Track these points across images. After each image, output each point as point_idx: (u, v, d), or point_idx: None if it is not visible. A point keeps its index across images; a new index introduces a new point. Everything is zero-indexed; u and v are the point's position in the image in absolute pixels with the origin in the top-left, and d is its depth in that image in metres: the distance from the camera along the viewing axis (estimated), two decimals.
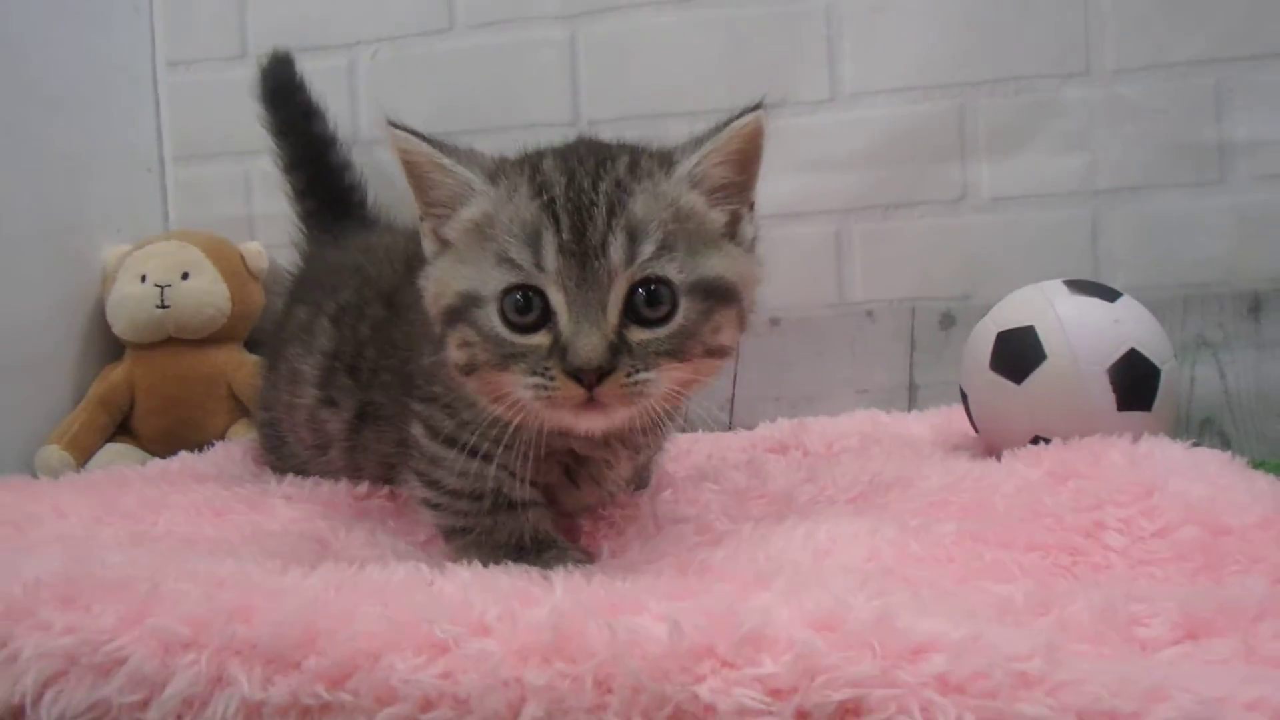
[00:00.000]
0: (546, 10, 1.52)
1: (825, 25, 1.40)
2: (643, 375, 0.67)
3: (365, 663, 0.53)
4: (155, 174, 1.75)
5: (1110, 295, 1.02)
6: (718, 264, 0.71)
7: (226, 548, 0.84)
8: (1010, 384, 1.01)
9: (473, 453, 0.77)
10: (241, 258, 1.61)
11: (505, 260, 0.69)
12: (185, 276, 1.54)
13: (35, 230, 1.48)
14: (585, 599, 0.56)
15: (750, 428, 1.32)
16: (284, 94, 1.39)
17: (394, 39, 1.60)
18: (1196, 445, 0.93)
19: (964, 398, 1.11)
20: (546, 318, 0.69)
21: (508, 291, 0.69)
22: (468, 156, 0.78)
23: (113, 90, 1.67)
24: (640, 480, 1.01)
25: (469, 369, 0.72)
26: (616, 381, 0.66)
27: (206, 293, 1.54)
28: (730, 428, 1.35)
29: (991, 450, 1.07)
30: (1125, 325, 0.99)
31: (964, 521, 0.78)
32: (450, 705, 0.50)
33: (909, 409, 1.39)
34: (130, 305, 1.51)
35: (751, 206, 0.77)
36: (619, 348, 0.67)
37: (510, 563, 0.74)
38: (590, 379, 0.66)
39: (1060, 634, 0.53)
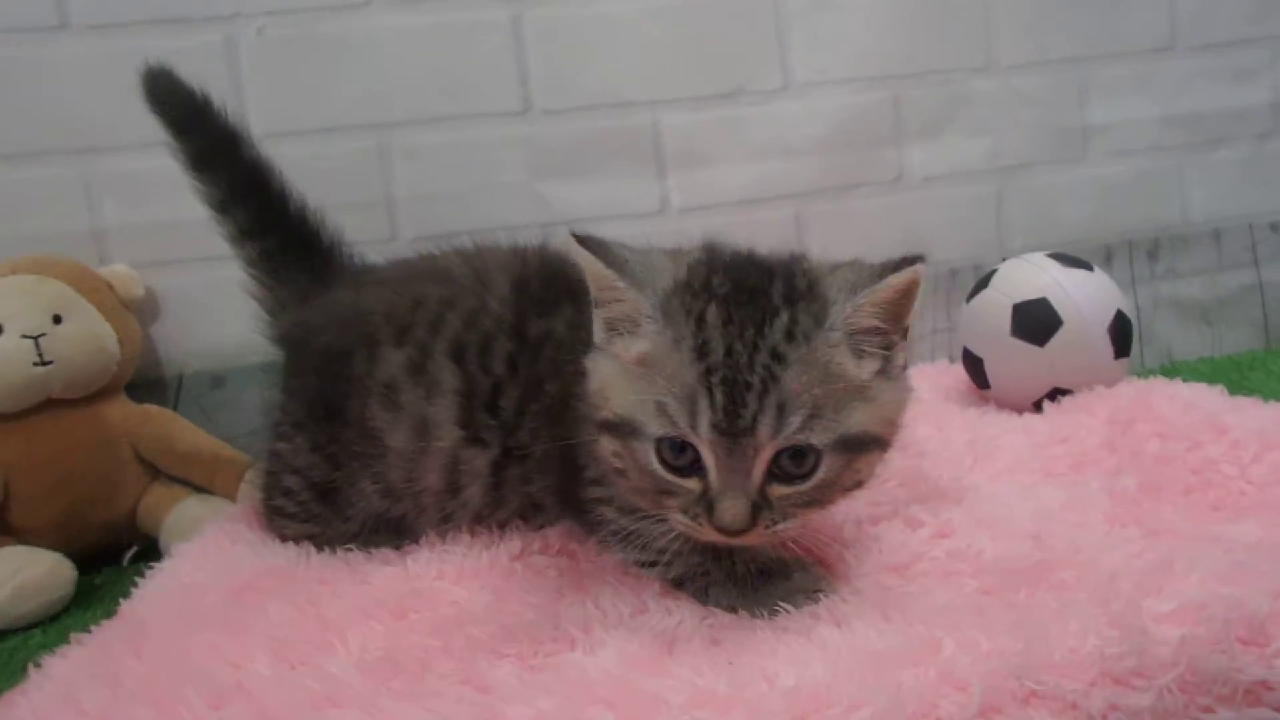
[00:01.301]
0: None
1: (774, 17, 1.38)
2: (781, 525, 0.69)
3: None
4: None
5: (1089, 266, 1.18)
6: (862, 418, 0.69)
7: (497, 656, 0.68)
8: (1034, 347, 1.13)
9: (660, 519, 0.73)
10: (109, 286, 1.22)
11: (665, 414, 0.67)
12: (58, 320, 1.14)
13: None
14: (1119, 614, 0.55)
15: None
16: (189, 117, 1.05)
17: (285, 13, 1.28)
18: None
19: (972, 360, 1.21)
20: (698, 465, 0.68)
21: (665, 438, 0.68)
22: (641, 275, 0.71)
23: None
24: None
25: (620, 474, 0.72)
26: (756, 533, 0.68)
27: (91, 338, 1.16)
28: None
29: (1005, 404, 1.18)
30: (1109, 290, 1.15)
31: (1121, 475, 0.88)
32: None
33: None
34: None
35: (905, 334, 0.72)
36: (761, 506, 0.68)
37: (755, 591, 0.74)
38: (731, 535, 0.68)
39: None
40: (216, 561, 0.93)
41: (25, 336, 1.10)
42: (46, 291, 1.14)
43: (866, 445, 0.70)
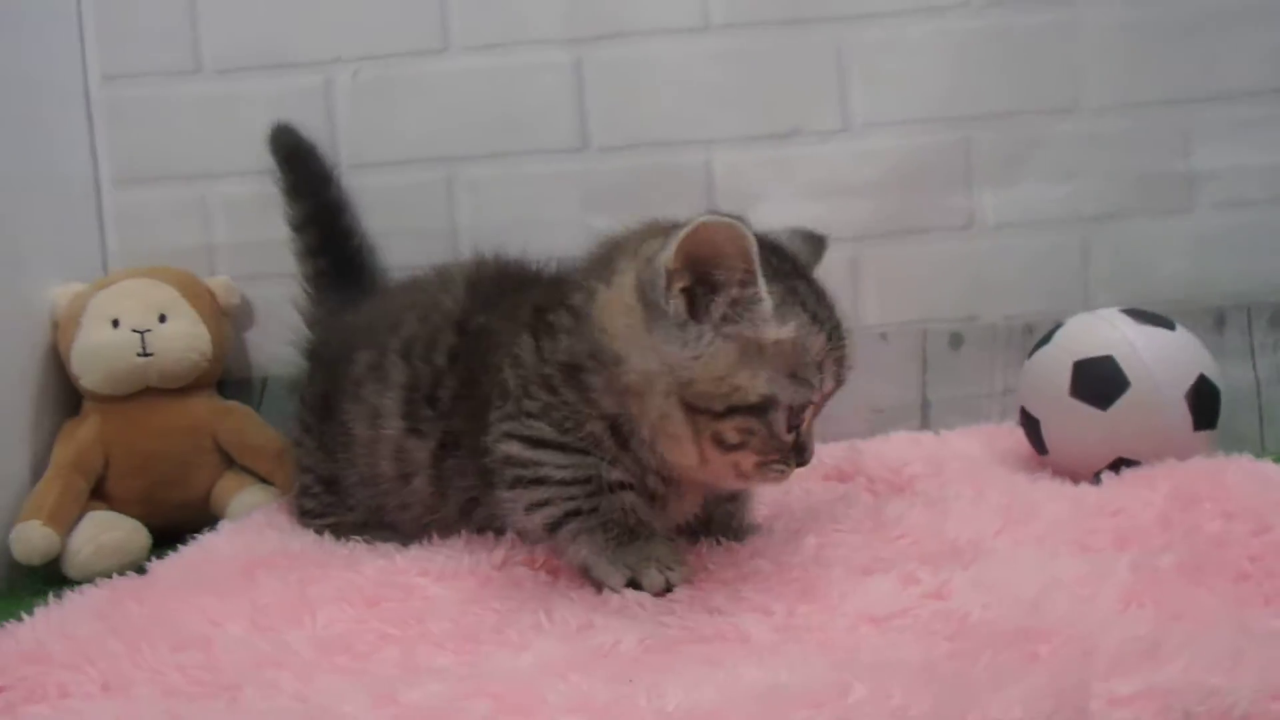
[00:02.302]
0: (550, 34, 1.31)
1: (836, 59, 1.29)
2: None
3: None
4: (91, 200, 1.38)
5: (1169, 324, 0.99)
6: None
7: (450, 649, 0.66)
8: (1095, 410, 0.96)
9: (569, 449, 0.79)
10: (211, 294, 1.31)
11: (802, 381, 0.74)
12: (163, 319, 1.22)
13: None
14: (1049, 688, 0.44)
15: None
16: (296, 158, 1.27)
17: (379, 58, 1.34)
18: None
19: (1029, 421, 1.04)
20: (800, 422, 0.76)
21: (799, 407, 0.75)
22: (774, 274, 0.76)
23: (35, 108, 1.28)
24: (735, 529, 0.89)
25: (734, 448, 0.74)
26: None
27: (189, 336, 1.23)
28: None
29: (1063, 471, 1.01)
30: (1191, 351, 0.96)
31: (1164, 553, 0.71)
32: None
33: (921, 426, 1.32)
34: (106, 355, 1.18)
35: None
36: None
37: (619, 547, 0.76)
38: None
39: None
40: (247, 540, 0.97)
41: (134, 330, 1.19)
42: (156, 294, 1.23)
43: None
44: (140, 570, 0.91)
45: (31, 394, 1.20)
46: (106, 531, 1.13)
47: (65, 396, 1.24)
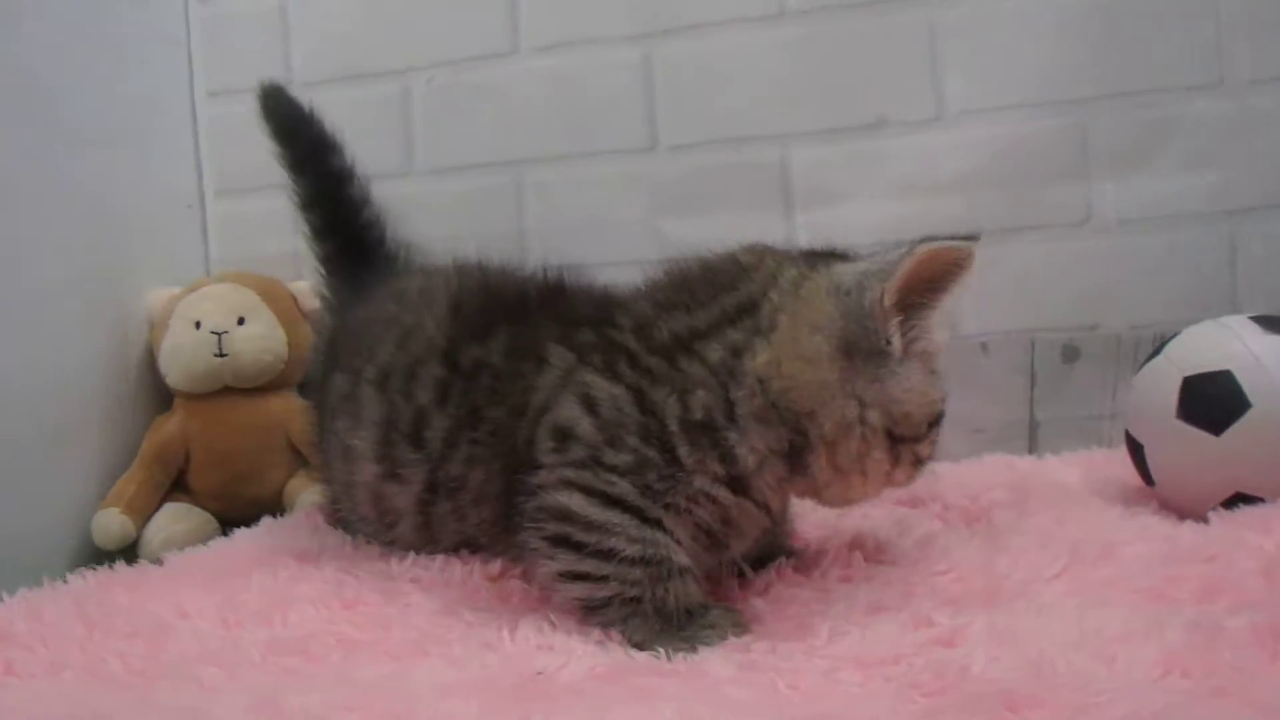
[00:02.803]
0: (618, 31, 1.34)
1: (928, 41, 1.24)
2: None
3: None
4: (196, 211, 1.55)
5: None
6: None
7: (386, 658, 0.68)
8: (1206, 435, 0.85)
9: (645, 518, 0.73)
10: (293, 298, 1.43)
11: (939, 377, 0.77)
12: (241, 322, 1.35)
13: (70, 277, 1.28)
14: None
15: None
16: (292, 126, 1.21)
17: (452, 63, 1.42)
18: None
19: (1135, 447, 0.95)
20: None
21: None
22: None
23: (148, 124, 1.46)
24: (777, 547, 0.86)
25: (918, 462, 0.77)
26: None
27: (265, 338, 1.35)
28: None
29: (1172, 507, 0.91)
30: None
31: (1245, 611, 0.62)
32: None
33: (1029, 449, 1.22)
34: (186, 354, 1.32)
35: None
36: None
37: (669, 632, 0.71)
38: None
39: None
40: (277, 536, 1.05)
41: (212, 331, 1.33)
42: (237, 298, 1.37)
43: None
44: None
45: (128, 390, 1.37)
46: (178, 522, 1.26)
47: (158, 394, 1.40)
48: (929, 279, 0.72)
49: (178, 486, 1.34)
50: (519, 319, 0.87)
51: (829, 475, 0.74)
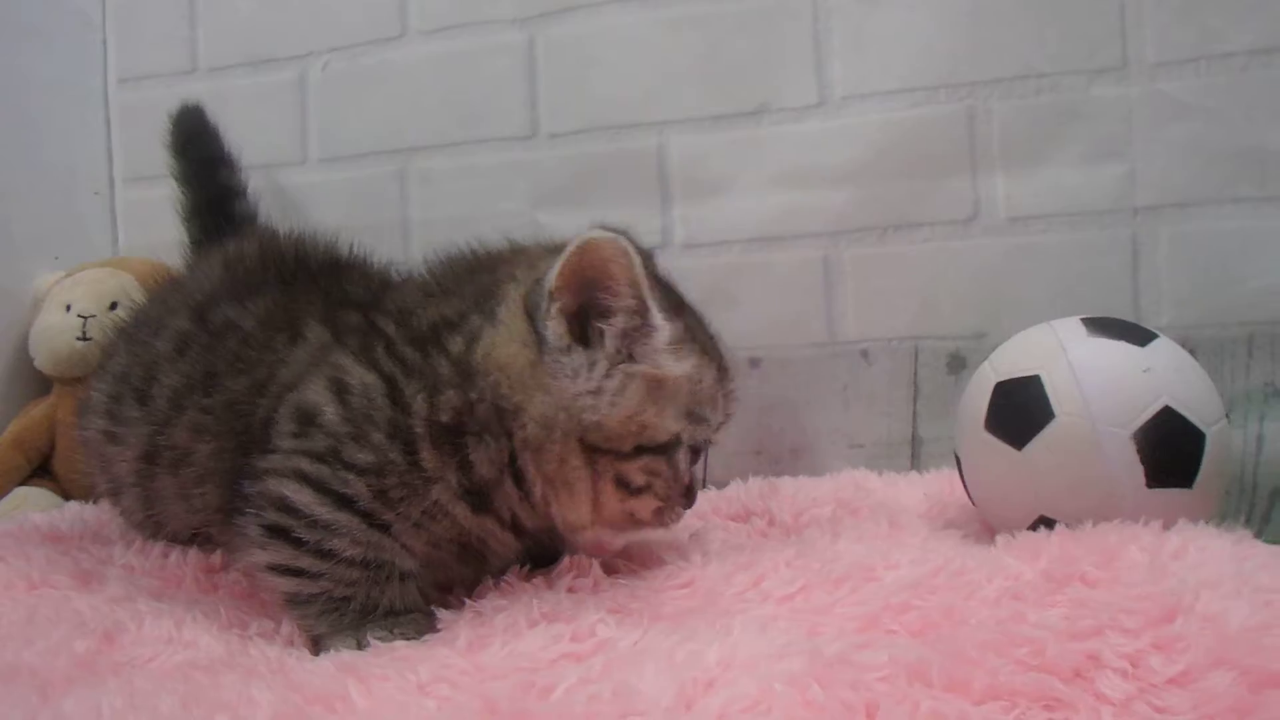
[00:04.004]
0: (503, 13, 1.37)
1: (812, 21, 1.22)
2: None
3: None
4: (104, 196, 1.66)
5: (1141, 337, 0.82)
6: None
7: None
8: (1009, 449, 0.81)
9: (373, 522, 0.74)
10: None
11: (700, 419, 0.78)
12: (114, 306, 1.43)
13: None
14: None
15: (721, 486, 1.14)
16: (195, 143, 1.29)
17: (344, 49, 1.48)
18: (1258, 533, 0.73)
19: (958, 462, 0.91)
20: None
21: (699, 445, 0.80)
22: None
23: (59, 108, 1.58)
24: (552, 554, 0.86)
25: (638, 491, 0.77)
26: None
27: None
28: (703, 485, 1.17)
29: (990, 529, 0.87)
30: (1158, 375, 0.79)
31: (907, 645, 0.59)
32: None
33: (911, 467, 1.19)
34: (51, 336, 1.41)
35: None
36: None
37: (373, 629, 0.72)
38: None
39: None
40: (65, 519, 1.12)
41: (80, 315, 1.41)
42: (112, 283, 1.45)
43: None
44: None
45: (4, 371, 1.46)
46: (29, 506, 1.33)
47: (38, 377, 1.49)
48: (600, 274, 0.72)
49: (43, 472, 1.42)
50: (289, 288, 0.87)
51: (542, 488, 0.75)
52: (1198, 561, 0.66)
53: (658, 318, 0.74)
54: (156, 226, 1.59)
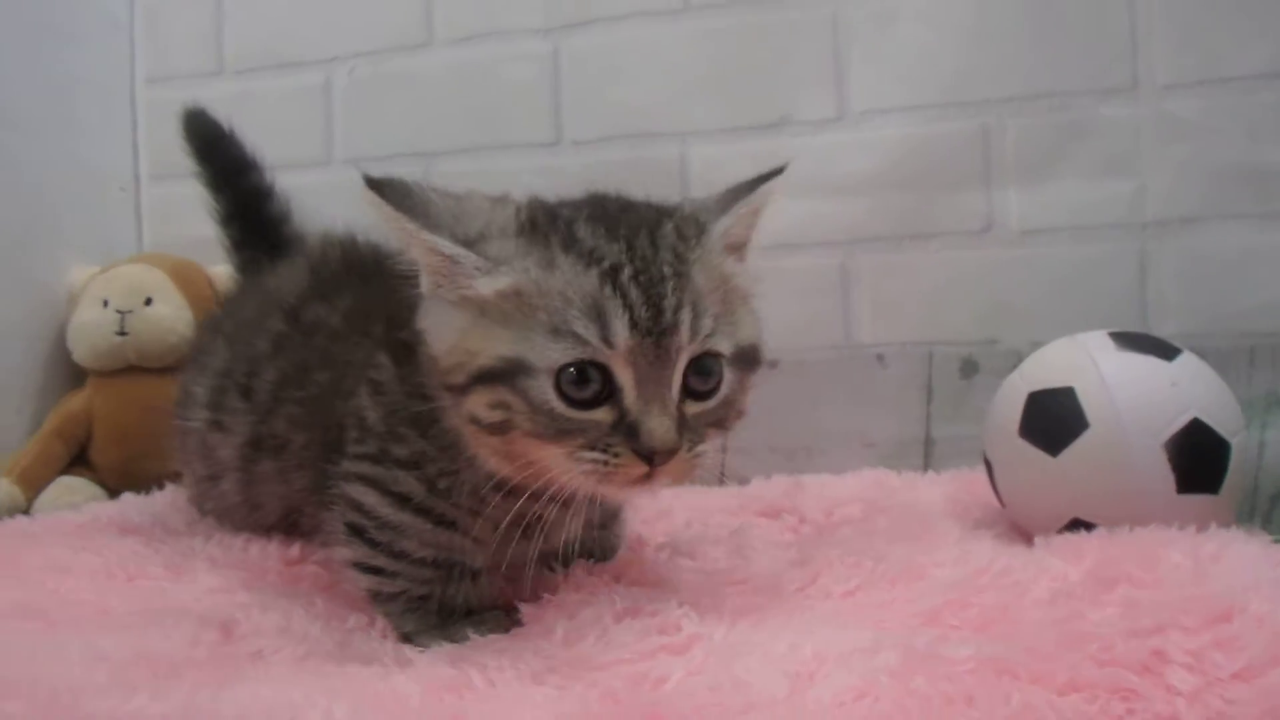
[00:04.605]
0: (529, 23, 1.35)
1: (831, 36, 1.22)
2: (700, 448, 0.65)
3: None
4: (130, 193, 1.61)
5: (1167, 352, 0.83)
6: (749, 329, 0.70)
7: (122, 628, 0.70)
8: (1044, 455, 0.82)
9: (443, 522, 0.73)
10: (209, 281, 1.47)
11: (565, 334, 0.63)
12: (149, 302, 1.39)
13: None
14: None
15: (744, 483, 1.14)
16: (212, 147, 1.25)
17: (372, 54, 1.45)
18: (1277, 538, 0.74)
19: (988, 465, 0.92)
20: (608, 393, 0.63)
21: (565, 368, 0.63)
22: (444, 218, 0.66)
23: (88, 106, 1.53)
24: (602, 549, 0.85)
25: (499, 429, 0.65)
26: (680, 457, 0.64)
27: (170, 319, 1.39)
28: (721, 481, 1.17)
29: (1019, 529, 0.88)
30: (1185, 389, 0.79)
31: (985, 641, 0.59)
32: None
33: (924, 467, 1.19)
34: (90, 331, 1.37)
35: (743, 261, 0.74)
36: (682, 424, 0.64)
37: (459, 628, 0.72)
38: (661, 459, 0.63)
39: None
40: (128, 509, 1.12)
41: (117, 310, 1.37)
42: (147, 278, 1.41)
43: (755, 360, 0.70)
44: None
45: (42, 365, 1.42)
46: (70, 495, 1.30)
47: (73, 370, 1.45)
48: (388, 225, 0.67)
49: (81, 461, 1.39)
50: (368, 288, 0.86)
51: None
52: (1237, 565, 0.66)
53: (438, 242, 0.64)
54: (181, 222, 1.56)
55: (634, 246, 0.64)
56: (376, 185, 0.66)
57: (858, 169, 1.20)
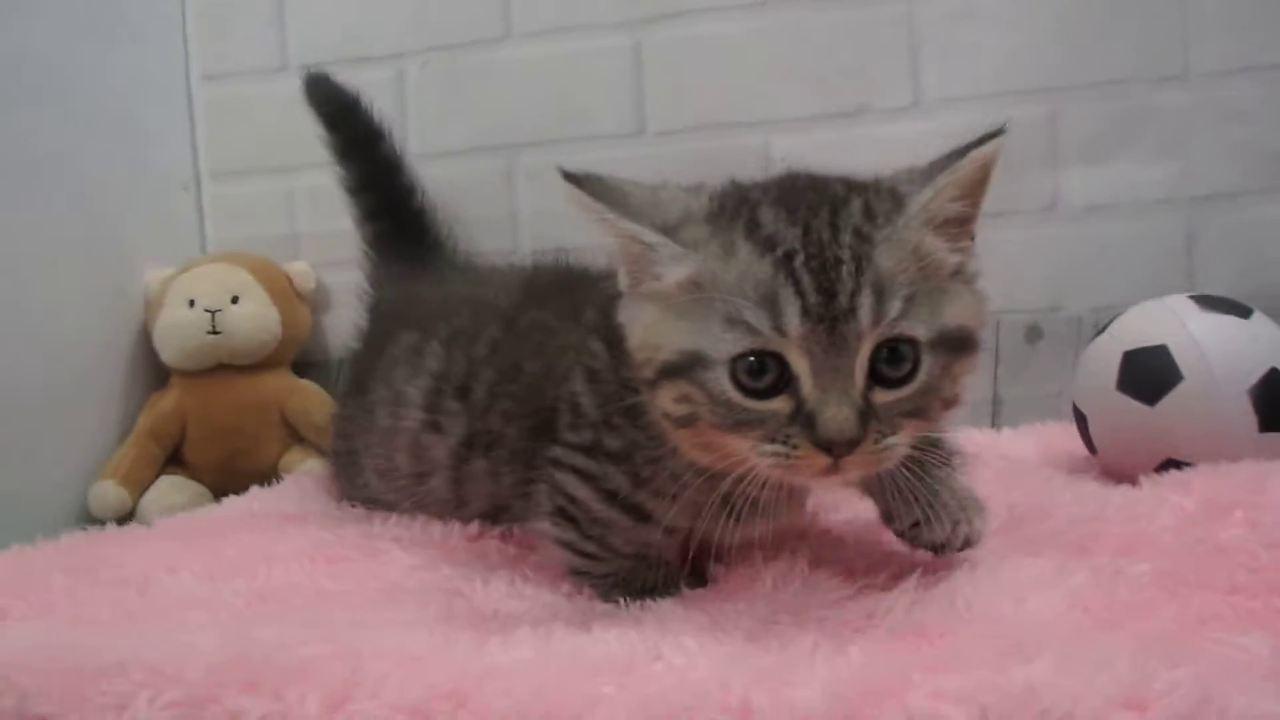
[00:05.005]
0: (607, 18, 1.45)
1: (907, 32, 1.35)
2: (889, 440, 0.64)
3: None
4: (192, 192, 1.67)
5: (1244, 311, 0.98)
6: (957, 311, 0.66)
7: (361, 605, 0.79)
8: (1142, 406, 0.97)
9: (641, 516, 0.77)
10: (288, 279, 1.54)
11: (738, 323, 0.63)
12: (235, 300, 1.46)
13: (68, 254, 1.39)
14: (851, 679, 0.51)
15: None
16: (340, 114, 1.32)
17: (445, 48, 1.53)
18: None
19: (1080, 418, 1.06)
20: (785, 382, 0.64)
21: (740, 357, 0.64)
22: (641, 206, 0.69)
23: (145, 105, 1.58)
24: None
25: (686, 422, 0.67)
26: (864, 450, 0.63)
27: (258, 317, 1.47)
28: None
29: (1112, 473, 1.02)
30: (1263, 343, 0.95)
31: (1152, 561, 0.74)
32: None
33: (992, 424, 1.34)
34: (179, 332, 1.44)
35: (973, 238, 0.71)
36: (867, 414, 0.63)
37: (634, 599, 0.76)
38: (841, 450, 0.62)
39: None
40: (264, 502, 1.17)
41: (206, 310, 1.44)
42: (231, 277, 1.48)
43: (964, 345, 0.67)
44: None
45: (123, 368, 1.48)
46: (174, 494, 1.39)
47: (153, 371, 1.51)
48: (590, 216, 0.70)
49: (173, 460, 1.46)
50: (580, 289, 0.90)
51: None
52: None
53: (639, 231, 0.66)
54: (245, 221, 1.64)
55: (811, 229, 0.64)
56: (574, 179, 0.68)
57: (932, 154, 1.33)
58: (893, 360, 0.64)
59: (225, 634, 0.65)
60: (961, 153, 0.69)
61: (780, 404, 0.64)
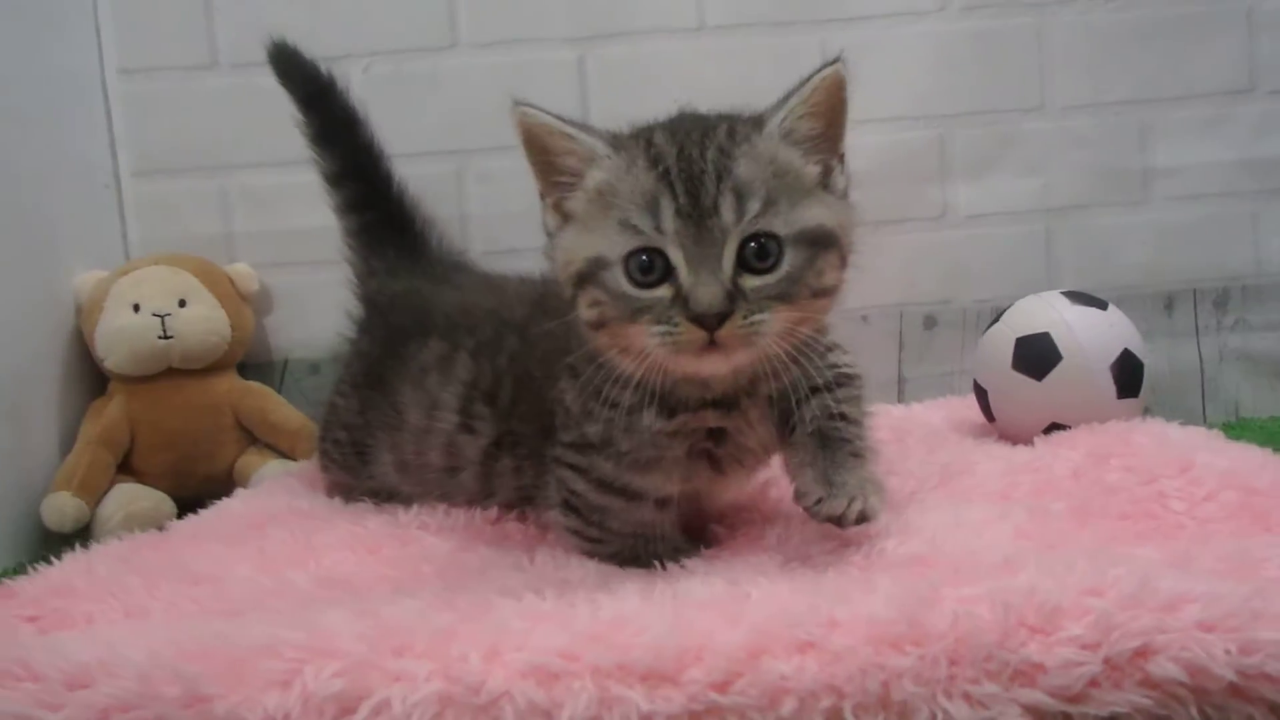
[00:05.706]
0: (555, 32, 1.59)
1: (820, 59, 1.57)
2: (757, 316, 0.78)
3: (747, 669, 0.64)
4: (112, 190, 1.64)
5: (1102, 304, 1.28)
6: (817, 213, 0.84)
7: (430, 582, 0.90)
8: (1032, 381, 1.25)
9: (631, 496, 0.91)
10: (230, 280, 1.57)
11: (628, 226, 0.80)
12: (183, 304, 1.49)
13: None
14: (898, 593, 0.70)
15: None
16: (315, 94, 1.32)
17: (390, 53, 1.61)
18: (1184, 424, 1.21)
19: (980, 392, 1.33)
20: (668, 274, 0.80)
21: (631, 254, 0.80)
22: (589, 128, 0.88)
23: (62, 99, 1.55)
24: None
25: (599, 324, 0.83)
26: (734, 324, 0.78)
27: (208, 320, 1.50)
28: None
29: (1009, 436, 1.30)
30: (1119, 329, 1.26)
31: (1062, 500, 0.99)
32: (830, 694, 0.63)
33: (899, 399, 1.61)
34: (129, 336, 1.45)
35: (842, 159, 0.92)
36: (735, 295, 0.78)
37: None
38: (711, 322, 0.77)
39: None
40: (260, 502, 1.23)
41: (154, 314, 1.45)
42: (177, 280, 1.50)
43: (824, 241, 0.83)
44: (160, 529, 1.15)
45: (57, 375, 1.47)
46: (135, 501, 1.40)
47: (90, 377, 1.50)
48: (539, 146, 0.88)
49: (123, 469, 1.46)
50: None
51: None
52: (1177, 439, 1.13)
53: (581, 136, 0.85)
54: (173, 222, 1.63)
55: (685, 149, 0.81)
56: (527, 104, 0.86)
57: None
58: (760, 254, 0.80)
59: (352, 611, 0.74)
60: (806, 80, 0.89)
61: (664, 291, 0.79)
